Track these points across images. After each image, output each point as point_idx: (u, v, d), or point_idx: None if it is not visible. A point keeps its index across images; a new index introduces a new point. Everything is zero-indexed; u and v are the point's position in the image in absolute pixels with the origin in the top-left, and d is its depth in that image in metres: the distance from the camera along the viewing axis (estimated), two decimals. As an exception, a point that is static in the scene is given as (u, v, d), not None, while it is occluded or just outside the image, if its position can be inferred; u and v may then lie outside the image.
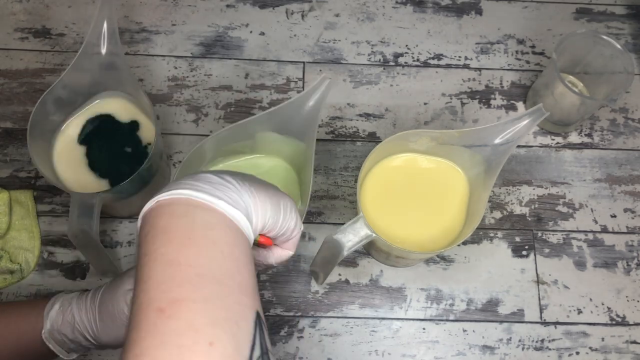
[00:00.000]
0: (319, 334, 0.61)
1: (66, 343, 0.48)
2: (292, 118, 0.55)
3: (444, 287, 0.64)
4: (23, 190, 0.65)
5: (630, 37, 0.78)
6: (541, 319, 0.63)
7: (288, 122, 0.56)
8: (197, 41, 0.74)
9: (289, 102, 0.54)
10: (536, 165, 0.70)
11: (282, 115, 0.55)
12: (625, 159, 0.71)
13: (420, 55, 0.75)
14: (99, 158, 0.60)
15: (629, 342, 0.62)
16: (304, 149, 0.56)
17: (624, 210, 0.68)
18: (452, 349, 0.61)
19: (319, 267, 0.57)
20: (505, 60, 0.76)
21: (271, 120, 0.55)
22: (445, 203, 0.60)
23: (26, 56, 0.72)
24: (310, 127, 0.55)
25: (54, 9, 0.75)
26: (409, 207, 0.60)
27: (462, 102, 0.73)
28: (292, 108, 0.55)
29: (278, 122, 0.56)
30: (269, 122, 0.56)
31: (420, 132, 0.57)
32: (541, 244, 0.66)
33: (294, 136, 0.57)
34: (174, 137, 0.69)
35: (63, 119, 0.60)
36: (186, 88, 0.72)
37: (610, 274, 0.65)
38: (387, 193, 0.60)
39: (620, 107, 0.74)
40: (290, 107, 0.55)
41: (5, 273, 0.61)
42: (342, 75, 0.74)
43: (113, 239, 0.64)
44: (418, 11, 0.78)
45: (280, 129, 0.57)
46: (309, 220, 0.66)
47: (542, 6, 0.80)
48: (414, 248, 0.58)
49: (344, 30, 0.76)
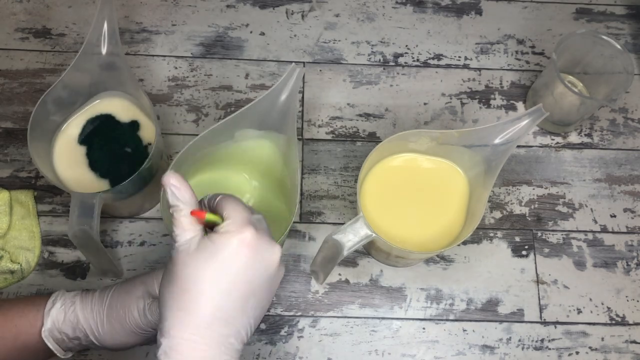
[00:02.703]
0: (319, 334, 0.61)
1: (65, 342, 0.48)
2: (268, 112, 0.55)
3: (444, 287, 0.64)
4: (23, 190, 0.65)
5: (630, 37, 0.78)
6: (541, 319, 0.63)
7: (265, 116, 0.56)
8: (197, 41, 0.75)
9: (263, 96, 0.54)
10: (536, 165, 0.70)
11: (258, 110, 0.55)
12: (625, 159, 0.71)
13: (420, 55, 0.76)
14: (99, 158, 0.60)
15: (628, 342, 0.62)
16: (285, 141, 0.56)
17: (624, 210, 0.68)
18: (452, 348, 0.62)
19: (319, 266, 0.57)
20: (505, 61, 0.76)
21: (248, 117, 0.55)
22: (445, 203, 0.60)
23: (26, 56, 0.72)
24: (289, 118, 0.55)
25: (54, 9, 0.75)
26: (409, 207, 0.60)
27: (462, 102, 0.73)
28: (267, 102, 0.55)
29: (255, 118, 0.56)
30: (246, 119, 0.55)
31: (420, 132, 0.57)
32: (541, 243, 0.66)
33: (273, 129, 0.57)
34: (174, 137, 0.69)
35: (63, 119, 0.60)
36: (186, 88, 0.72)
37: (610, 274, 0.65)
38: (387, 193, 0.60)
39: (620, 107, 0.74)
40: (265, 101, 0.54)
41: (6, 273, 0.61)
42: (342, 75, 0.74)
43: (113, 238, 0.64)
44: (418, 11, 0.78)
45: (258, 125, 0.56)
46: (309, 220, 0.66)
47: (542, 6, 0.80)
48: (414, 248, 0.58)
49: (344, 30, 0.76)
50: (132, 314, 0.47)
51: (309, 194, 0.67)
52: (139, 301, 0.48)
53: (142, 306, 0.47)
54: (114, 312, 0.48)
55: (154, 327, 0.48)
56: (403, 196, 0.60)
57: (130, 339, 0.48)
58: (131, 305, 0.47)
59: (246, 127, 0.56)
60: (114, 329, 0.48)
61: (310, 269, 0.62)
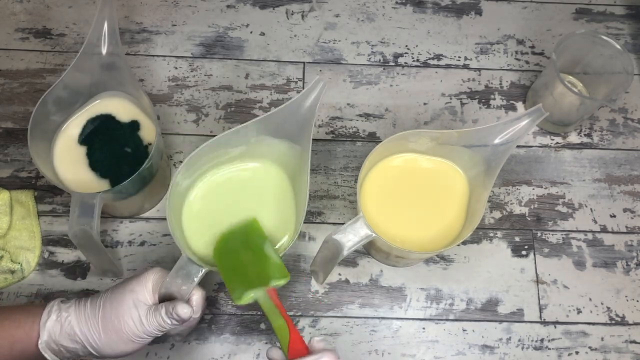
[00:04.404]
0: (319, 334, 0.61)
1: (62, 352, 0.48)
2: (286, 121, 0.55)
3: (444, 287, 0.64)
4: (24, 190, 0.65)
5: (629, 37, 0.78)
6: (541, 319, 0.63)
7: (283, 125, 0.55)
8: (197, 41, 0.75)
9: (285, 105, 0.54)
10: (536, 165, 0.70)
11: (277, 118, 0.55)
12: (624, 159, 0.71)
13: (420, 55, 0.76)
14: (99, 158, 0.60)
15: (628, 342, 0.63)
16: (299, 152, 0.56)
17: (624, 210, 0.68)
18: (452, 348, 0.62)
19: (319, 266, 0.57)
20: (505, 61, 0.76)
21: (267, 124, 0.55)
22: (445, 203, 0.60)
23: (27, 56, 0.72)
24: (306, 129, 0.54)
25: (54, 9, 0.75)
26: (409, 207, 0.60)
27: (461, 102, 0.73)
28: (288, 111, 0.54)
29: (274, 125, 0.56)
30: (264, 126, 0.55)
31: (420, 132, 0.57)
32: (541, 243, 0.66)
33: (289, 139, 0.56)
34: (174, 137, 0.69)
35: (64, 119, 0.60)
36: (186, 88, 0.72)
37: (609, 274, 0.65)
38: (387, 193, 0.60)
39: (620, 107, 0.74)
40: (285, 110, 0.54)
41: (6, 273, 0.61)
42: (342, 75, 0.74)
43: (113, 238, 0.64)
44: (418, 11, 0.79)
45: (275, 133, 0.56)
46: (309, 220, 0.66)
47: (541, 6, 0.80)
48: (414, 248, 0.58)
49: (344, 30, 0.77)
50: (127, 324, 0.47)
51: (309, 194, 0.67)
52: (132, 311, 0.48)
53: (137, 315, 0.48)
54: (109, 324, 0.48)
55: (151, 334, 0.48)
56: (403, 196, 0.60)
57: (128, 347, 0.49)
58: (125, 315, 0.47)
59: (264, 133, 0.56)
60: (112, 340, 0.48)
61: (310, 268, 0.62)
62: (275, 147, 0.58)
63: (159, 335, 0.49)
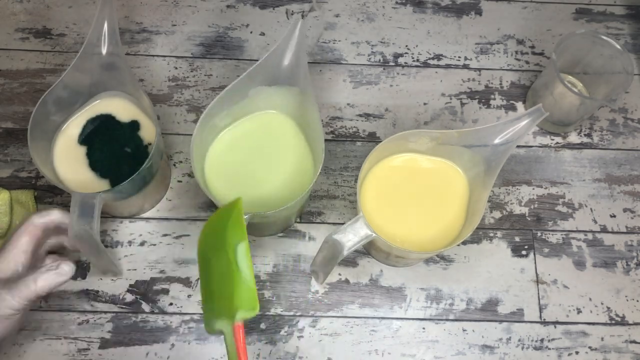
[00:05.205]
0: (319, 334, 0.61)
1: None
2: (278, 67, 0.57)
3: (444, 287, 0.64)
4: (24, 190, 0.65)
5: (629, 37, 0.78)
6: (541, 319, 0.63)
7: (275, 71, 0.57)
8: (197, 41, 0.75)
9: (270, 52, 0.55)
10: (536, 165, 0.70)
11: (268, 67, 0.56)
12: (624, 159, 0.71)
13: (420, 55, 0.76)
14: (99, 158, 0.60)
15: (628, 342, 0.63)
16: (299, 94, 0.58)
17: (624, 210, 0.68)
18: (452, 348, 0.62)
19: (319, 266, 0.57)
20: (505, 61, 0.76)
21: (258, 75, 0.57)
22: (445, 203, 0.60)
23: (27, 56, 0.72)
24: (300, 70, 0.56)
25: (54, 9, 0.75)
26: (409, 207, 0.60)
27: (461, 102, 0.73)
28: (275, 57, 0.56)
29: (267, 74, 0.57)
30: (257, 78, 0.57)
31: (420, 132, 0.57)
32: (541, 243, 0.66)
33: (286, 84, 0.58)
34: (174, 137, 0.69)
35: (63, 119, 0.60)
36: (186, 88, 0.72)
37: (609, 274, 0.65)
38: (387, 193, 0.60)
39: (620, 107, 0.74)
40: (272, 57, 0.56)
41: (6, 273, 0.61)
42: (342, 75, 0.74)
43: (114, 238, 0.64)
44: (418, 11, 0.79)
45: (270, 81, 0.58)
46: (309, 220, 0.66)
47: (541, 6, 0.80)
48: (414, 248, 0.58)
49: (344, 30, 0.77)
50: None
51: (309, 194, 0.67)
52: None
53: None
54: None
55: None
56: (403, 196, 0.60)
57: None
58: None
59: (259, 84, 0.58)
60: None
61: (310, 268, 0.62)
62: (274, 96, 0.60)
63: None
